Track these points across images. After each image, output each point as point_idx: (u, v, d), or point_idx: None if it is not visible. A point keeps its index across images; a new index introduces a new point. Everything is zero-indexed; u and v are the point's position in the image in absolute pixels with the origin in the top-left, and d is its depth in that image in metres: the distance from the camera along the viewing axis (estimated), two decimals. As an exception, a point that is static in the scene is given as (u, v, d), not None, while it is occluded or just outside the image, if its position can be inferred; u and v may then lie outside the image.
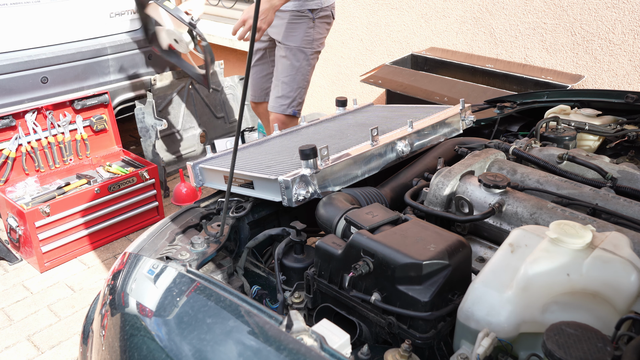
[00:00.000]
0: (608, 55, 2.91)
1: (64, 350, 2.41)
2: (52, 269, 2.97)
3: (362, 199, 1.36)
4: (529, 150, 1.53)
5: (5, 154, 3.10)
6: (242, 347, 0.89)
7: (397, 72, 3.28)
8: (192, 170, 1.57)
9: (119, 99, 3.73)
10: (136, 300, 1.11)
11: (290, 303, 1.19)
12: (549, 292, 0.90)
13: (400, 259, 0.98)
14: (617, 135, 1.72)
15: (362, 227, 1.11)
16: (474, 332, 0.91)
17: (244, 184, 1.42)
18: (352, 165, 1.42)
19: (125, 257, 1.26)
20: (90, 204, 3.06)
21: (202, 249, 1.23)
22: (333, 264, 1.09)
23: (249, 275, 1.37)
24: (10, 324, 2.56)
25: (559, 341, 0.77)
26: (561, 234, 0.93)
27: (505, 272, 0.94)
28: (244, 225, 1.45)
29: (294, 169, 1.35)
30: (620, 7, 2.80)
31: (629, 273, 0.88)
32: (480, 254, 1.25)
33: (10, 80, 3.24)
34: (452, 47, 3.50)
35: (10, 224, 2.99)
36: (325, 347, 0.85)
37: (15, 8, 3.24)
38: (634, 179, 1.35)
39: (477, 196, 1.28)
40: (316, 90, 4.40)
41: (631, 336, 0.82)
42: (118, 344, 1.05)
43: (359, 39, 3.98)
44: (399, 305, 0.98)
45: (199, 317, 0.98)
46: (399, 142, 1.55)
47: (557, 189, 1.31)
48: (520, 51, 3.22)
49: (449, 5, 3.43)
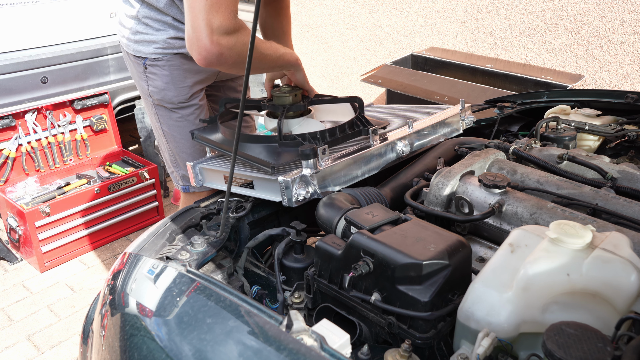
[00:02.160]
0: (608, 55, 2.91)
1: (64, 350, 2.41)
2: (52, 269, 2.97)
3: (362, 199, 1.36)
4: (529, 150, 1.53)
5: (5, 154, 3.10)
6: (242, 347, 0.89)
7: (397, 72, 3.28)
8: (192, 170, 1.57)
9: (119, 99, 3.73)
10: (136, 300, 1.11)
11: (290, 303, 1.19)
12: (549, 292, 0.90)
13: (400, 259, 0.98)
14: (617, 135, 1.72)
15: (362, 227, 1.11)
16: (474, 332, 0.91)
17: (244, 184, 1.42)
18: (352, 165, 1.42)
19: (125, 257, 1.26)
20: (90, 204, 3.06)
21: (202, 249, 1.23)
22: (333, 264, 1.09)
23: (249, 275, 1.37)
24: (10, 324, 2.56)
25: (559, 341, 0.77)
26: (561, 234, 0.93)
27: (505, 272, 0.94)
28: (244, 225, 1.45)
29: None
30: (620, 7, 2.80)
31: (629, 273, 0.88)
32: (480, 254, 1.25)
33: (10, 80, 3.24)
34: (452, 47, 3.50)
35: (10, 224, 2.99)
36: (325, 347, 0.85)
37: (15, 8, 3.25)
38: (634, 179, 1.35)
39: (477, 196, 1.28)
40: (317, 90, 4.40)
41: (631, 336, 0.82)
42: (118, 344, 1.05)
43: (359, 39, 3.98)
44: (399, 305, 0.98)
45: (199, 317, 0.98)
46: (399, 142, 1.55)
47: (557, 189, 1.31)
48: (520, 51, 3.22)
49: (449, 5, 3.43)
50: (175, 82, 1.92)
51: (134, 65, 1.96)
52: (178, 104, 1.94)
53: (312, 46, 4.30)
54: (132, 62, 1.96)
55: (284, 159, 1.35)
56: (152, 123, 2.08)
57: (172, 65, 1.90)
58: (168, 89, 1.92)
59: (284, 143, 1.41)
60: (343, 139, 1.47)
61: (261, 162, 1.34)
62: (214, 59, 1.45)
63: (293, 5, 4.24)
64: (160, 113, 1.98)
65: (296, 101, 1.61)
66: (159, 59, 1.88)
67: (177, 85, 1.92)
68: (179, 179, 2.10)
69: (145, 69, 1.91)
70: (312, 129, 1.50)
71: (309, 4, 4.17)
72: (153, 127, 2.09)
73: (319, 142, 1.40)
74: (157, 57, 1.88)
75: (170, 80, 1.91)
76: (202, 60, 1.47)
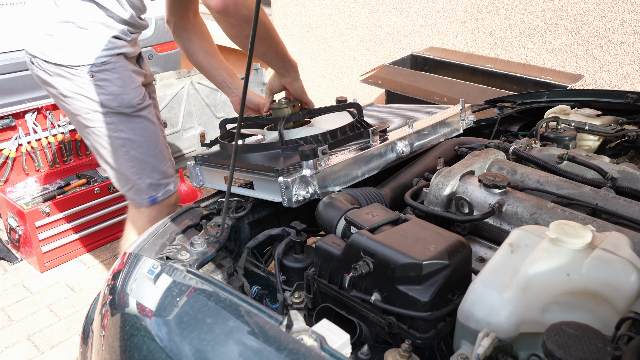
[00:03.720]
0: (608, 55, 2.91)
1: (64, 350, 2.41)
2: (52, 269, 2.97)
3: (362, 199, 1.36)
4: (529, 150, 1.53)
5: (5, 154, 3.10)
6: (242, 347, 0.89)
7: (397, 72, 3.28)
8: (192, 170, 1.57)
9: (119, 99, 3.72)
10: (136, 300, 1.11)
11: (290, 303, 1.19)
12: (549, 292, 0.90)
13: (400, 259, 0.98)
14: (617, 135, 1.72)
15: (362, 227, 1.11)
16: (474, 332, 0.91)
17: (244, 184, 1.42)
18: (352, 166, 1.42)
19: (125, 257, 1.26)
20: (90, 204, 3.06)
21: (202, 249, 1.23)
22: (333, 264, 1.10)
23: (249, 275, 1.37)
24: (10, 324, 2.56)
25: (559, 341, 0.77)
26: (561, 234, 0.93)
27: (505, 272, 0.94)
28: (244, 225, 1.45)
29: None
30: (620, 7, 2.80)
31: (629, 273, 0.88)
32: (480, 254, 1.25)
33: (10, 80, 3.24)
34: (452, 47, 3.50)
35: (10, 224, 2.99)
36: (325, 347, 0.85)
37: (16, 8, 3.25)
38: (634, 179, 1.35)
39: (477, 196, 1.28)
40: (316, 91, 4.40)
41: (631, 336, 0.82)
42: (118, 344, 1.05)
43: (359, 39, 3.98)
44: (399, 305, 0.98)
45: (199, 317, 0.98)
46: (399, 142, 1.55)
47: (557, 189, 1.31)
48: (520, 51, 3.22)
49: (449, 5, 3.43)
50: (129, 83, 1.80)
51: (71, 79, 1.75)
52: (137, 106, 1.83)
53: (312, 46, 4.30)
54: (65, 76, 1.74)
55: (287, 163, 1.35)
56: (100, 137, 1.84)
57: (121, 67, 1.78)
58: (125, 93, 1.78)
59: (286, 147, 1.41)
60: (344, 140, 1.47)
61: (265, 168, 1.34)
62: (232, 5, 1.39)
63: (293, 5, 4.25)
64: (117, 121, 1.81)
65: (295, 112, 1.61)
66: (106, 62, 1.74)
67: (131, 86, 1.81)
68: (144, 191, 1.90)
69: (92, 77, 1.73)
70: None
71: (309, 4, 4.17)
72: (102, 141, 1.84)
73: (320, 144, 1.40)
74: (105, 60, 1.73)
75: (124, 82, 1.78)
76: (220, 3, 1.38)
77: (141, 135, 1.85)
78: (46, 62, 1.73)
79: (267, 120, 1.61)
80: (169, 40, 3.93)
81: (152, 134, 1.86)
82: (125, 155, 1.84)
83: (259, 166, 1.37)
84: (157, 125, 1.89)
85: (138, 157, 1.86)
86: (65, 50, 1.69)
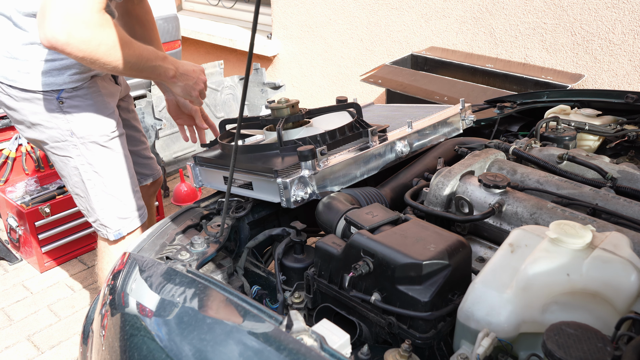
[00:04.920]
0: (608, 55, 2.91)
1: (64, 350, 2.41)
2: (52, 269, 2.97)
3: (362, 199, 1.36)
4: (529, 150, 1.53)
5: (5, 154, 3.10)
6: (242, 347, 0.89)
7: (397, 71, 3.28)
8: (192, 170, 1.57)
9: (119, 99, 3.72)
10: (136, 300, 1.11)
11: (290, 303, 1.19)
12: (549, 292, 0.90)
13: (400, 259, 0.98)
14: (617, 135, 1.72)
15: (362, 227, 1.11)
16: (474, 332, 0.91)
17: (243, 184, 1.42)
18: (351, 166, 1.42)
19: (125, 257, 1.26)
20: (90, 204, 3.05)
21: (202, 249, 1.23)
22: (333, 264, 1.10)
23: (249, 275, 1.37)
24: (10, 324, 2.56)
25: (559, 341, 0.77)
26: (561, 234, 0.93)
27: (505, 272, 0.94)
28: (244, 225, 1.45)
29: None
30: (620, 7, 2.80)
31: (629, 273, 0.88)
32: (480, 254, 1.25)
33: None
34: (452, 47, 3.51)
35: (10, 224, 2.99)
36: (325, 347, 0.85)
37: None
38: (634, 179, 1.35)
39: (477, 196, 1.28)
40: (316, 90, 4.40)
41: (631, 336, 0.82)
42: (118, 344, 1.05)
43: (359, 39, 3.98)
44: (399, 305, 0.98)
45: (199, 317, 0.98)
46: (398, 142, 1.55)
47: (557, 189, 1.31)
48: (520, 51, 3.22)
49: (449, 5, 3.43)
50: (102, 110, 1.64)
51: (36, 105, 1.58)
52: (110, 134, 1.68)
53: (312, 46, 4.30)
54: (33, 101, 1.58)
55: (286, 163, 1.35)
56: (68, 167, 1.69)
57: (94, 92, 1.62)
58: (97, 121, 1.63)
59: (284, 148, 1.41)
60: (343, 141, 1.47)
61: (264, 169, 1.33)
62: (59, 45, 1.27)
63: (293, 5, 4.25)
64: (89, 152, 1.66)
65: (294, 112, 1.61)
66: (77, 87, 1.58)
67: (104, 113, 1.65)
68: (108, 225, 1.78)
69: (62, 104, 1.57)
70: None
71: (309, 4, 4.17)
72: (69, 171, 1.70)
73: (319, 144, 1.40)
74: (76, 85, 1.58)
75: (96, 110, 1.63)
76: (45, 42, 1.27)
77: (110, 167, 1.73)
78: (11, 87, 1.58)
79: (266, 120, 1.62)
80: (169, 40, 3.93)
81: (121, 166, 1.75)
82: (92, 189, 1.73)
83: (258, 167, 1.37)
84: (126, 156, 1.77)
85: (105, 190, 1.75)
86: (32, 74, 1.55)
